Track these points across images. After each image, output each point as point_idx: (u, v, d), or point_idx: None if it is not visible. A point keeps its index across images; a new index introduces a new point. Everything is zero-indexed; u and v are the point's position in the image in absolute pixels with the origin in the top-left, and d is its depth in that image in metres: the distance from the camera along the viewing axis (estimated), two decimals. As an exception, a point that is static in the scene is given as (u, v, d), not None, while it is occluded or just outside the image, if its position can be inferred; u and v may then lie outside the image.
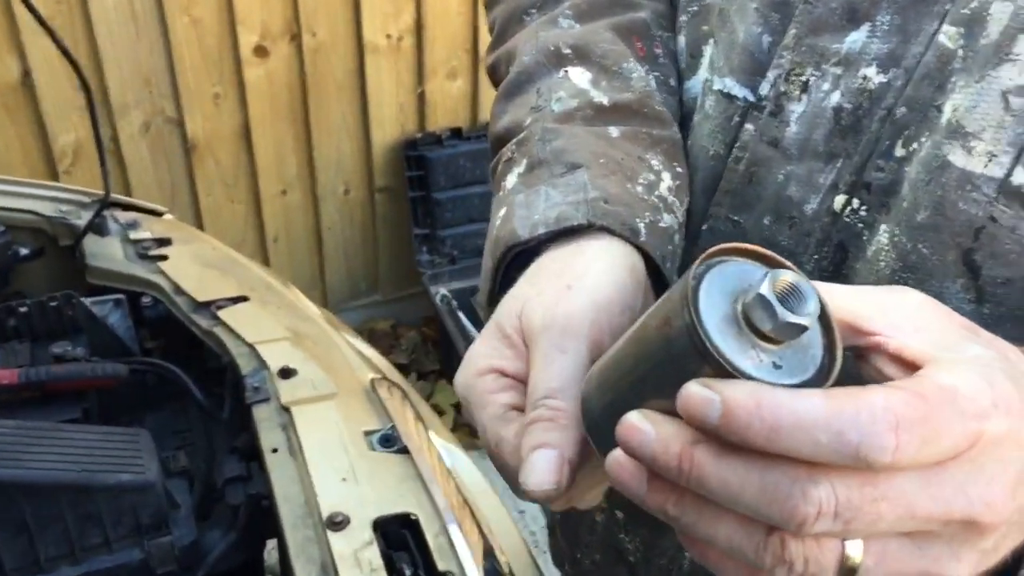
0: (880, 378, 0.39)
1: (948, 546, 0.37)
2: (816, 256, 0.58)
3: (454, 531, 0.78)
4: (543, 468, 0.46)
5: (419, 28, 2.74)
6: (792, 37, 0.57)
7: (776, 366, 0.36)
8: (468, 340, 2.66)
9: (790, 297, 0.35)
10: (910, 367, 0.38)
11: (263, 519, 0.92)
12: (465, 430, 2.41)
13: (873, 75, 0.54)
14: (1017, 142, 0.48)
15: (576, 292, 0.51)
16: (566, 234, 0.56)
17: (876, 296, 0.40)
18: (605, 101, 0.64)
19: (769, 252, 0.38)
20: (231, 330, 1.07)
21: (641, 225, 0.56)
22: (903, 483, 0.35)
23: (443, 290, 2.86)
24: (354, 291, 3.11)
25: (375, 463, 0.87)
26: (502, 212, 0.60)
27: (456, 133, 2.90)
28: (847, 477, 0.34)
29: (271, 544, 0.97)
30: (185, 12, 2.45)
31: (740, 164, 0.60)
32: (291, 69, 2.65)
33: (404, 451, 0.89)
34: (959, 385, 0.36)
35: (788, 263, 0.38)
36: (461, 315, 2.76)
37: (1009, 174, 0.49)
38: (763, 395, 0.34)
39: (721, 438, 0.35)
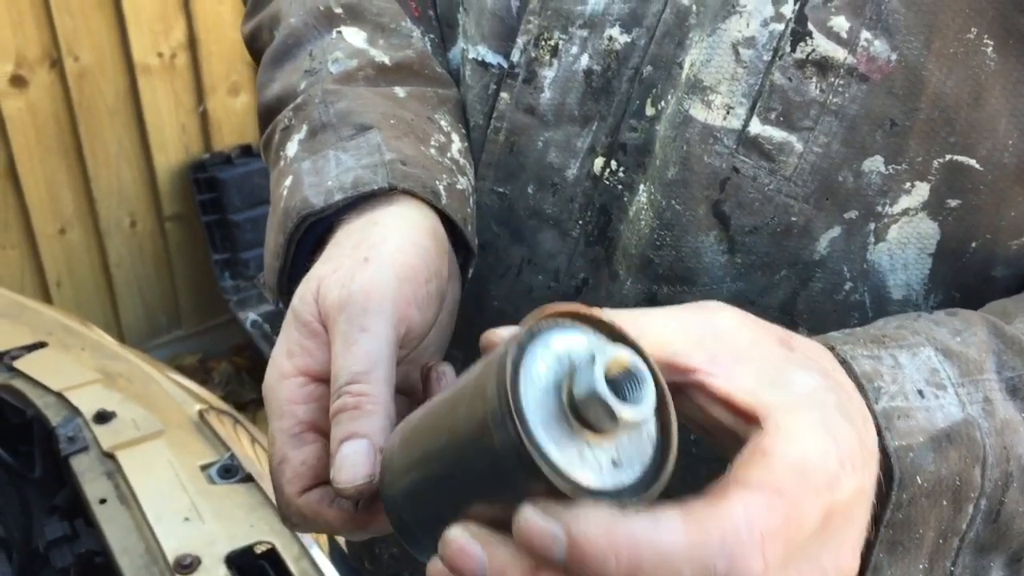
0: (705, 418, 0.37)
1: None
2: (581, 221, 0.57)
3: (316, 553, 0.75)
4: (354, 461, 0.42)
5: (193, 44, 2.61)
6: (537, 1, 0.56)
7: (615, 464, 0.31)
8: (285, 362, 2.57)
9: (626, 383, 0.30)
10: (741, 415, 0.35)
11: (98, 578, 0.84)
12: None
13: (618, 35, 0.54)
14: (750, 93, 0.49)
15: (374, 264, 0.48)
16: (362, 200, 0.53)
17: (689, 323, 0.37)
18: (387, 60, 0.61)
19: (590, 310, 0.33)
20: (32, 380, 0.98)
21: (441, 188, 0.55)
22: None
23: (252, 315, 2.74)
24: (154, 328, 2.92)
25: (218, 497, 0.81)
26: (288, 182, 0.56)
27: (246, 150, 2.78)
28: None
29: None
30: (-77, 44, 2.22)
31: (500, 134, 0.59)
32: (55, 98, 2.44)
33: (248, 479, 0.84)
34: (807, 454, 0.33)
35: (614, 322, 0.33)
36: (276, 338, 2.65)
37: (746, 125, 0.49)
38: (617, 529, 0.30)
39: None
